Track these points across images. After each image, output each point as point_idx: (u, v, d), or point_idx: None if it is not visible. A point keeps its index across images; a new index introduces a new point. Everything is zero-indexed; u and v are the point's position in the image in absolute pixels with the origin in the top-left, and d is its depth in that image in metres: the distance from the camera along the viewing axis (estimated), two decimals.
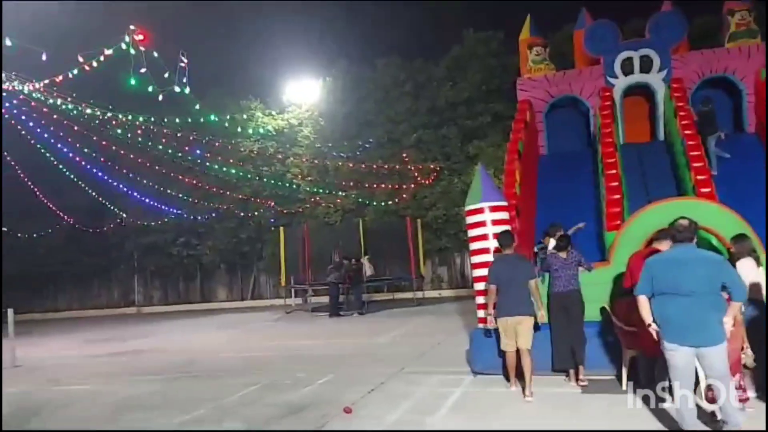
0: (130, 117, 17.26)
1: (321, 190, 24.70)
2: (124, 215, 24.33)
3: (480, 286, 8.24)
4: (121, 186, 21.68)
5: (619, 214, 9.40)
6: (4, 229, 22.48)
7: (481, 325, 8.22)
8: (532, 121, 12.80)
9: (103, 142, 19.03)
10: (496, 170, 18.39)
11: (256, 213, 25.35)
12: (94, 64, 12.62)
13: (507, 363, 7.19)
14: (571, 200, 11.08)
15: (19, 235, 24.21)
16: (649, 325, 5.10)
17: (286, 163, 25.77)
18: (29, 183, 20.54)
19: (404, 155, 24.06)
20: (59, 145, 18.45)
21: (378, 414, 6.61)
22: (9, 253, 26.35)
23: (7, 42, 11.94)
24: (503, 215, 8.49)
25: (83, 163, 19.71)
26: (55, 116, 16.53)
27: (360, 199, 24.17)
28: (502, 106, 22.74)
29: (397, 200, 23.64)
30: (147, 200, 23.14)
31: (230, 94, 25.47)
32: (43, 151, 18.56)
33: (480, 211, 8.44)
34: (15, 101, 15.50)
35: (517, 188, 10.11)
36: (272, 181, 24.57)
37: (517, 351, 6.99)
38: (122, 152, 19.82)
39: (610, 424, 5.75)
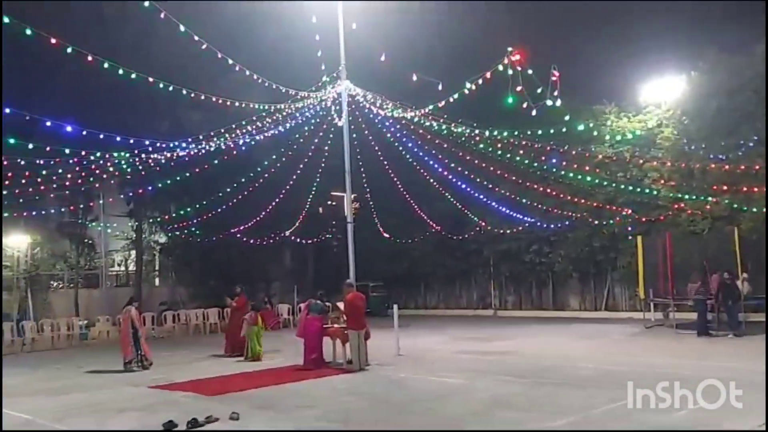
0: (495, 132, 18.45)
1: (685, 196, 22.55)
2: (483, 223, 26.04)
3: None
4: (480, 196, 23.35)
5: None
6: (387, 235, 26.34)
7: None
8: None
9: (467, 157, 20.79)
10: None
11: (610, 221, 24.47)
12: (473, 87, 13.89)
13: None
14: None
15: (398, 240, 28.02)
16: None
17: (643, 167, 24.26)
18: (407, 196, 23.72)
19: None
20: (431, 162, 20.86)
21: None
22: (394, 257, 30.77)
23: (413, 77, 14.15)
24: None
25: (449, 176, 21.89)
26: (428, 136, 18.76)
27: (734, 205, 21.28)
28: None
29: None
30: (503, 209, 24.41)
31: (584, 100, 25.16)
32: (418, 167, 21.24)
33: None
34: (398, 125, 18.15)
35: None
36: (628, 188, 23.39)
37: None
38: (483, 165, 21.34)
39: None
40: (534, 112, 13.16)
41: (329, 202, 30.19)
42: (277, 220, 24.90)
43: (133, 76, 12.01)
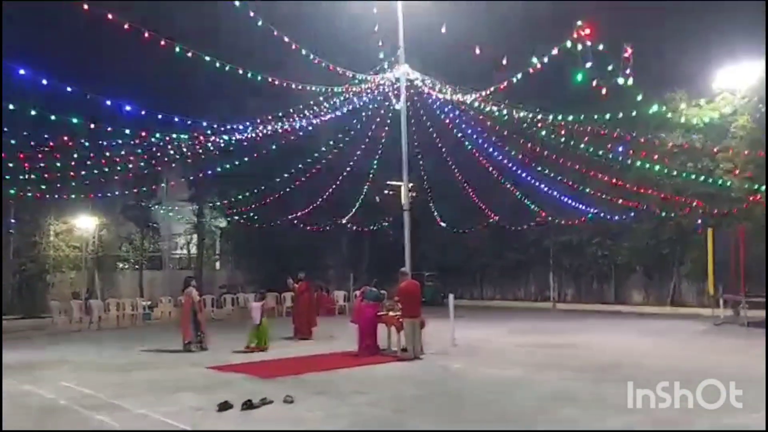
0: (559, 117, 17.79)
1: (761, 188, 21.27)
2: (543, 214, 25.33)
3: None
4: (541, 186, 22.68)
5: None
6: (443, 224, 26.05)
7: None
8: None
9: (529, 144, 20.18)
10: None
11: (678, 213, 23.38)
12: (538, 65, 13.31)
13: None
14: None
15: (455, 230, 27.66)
16: None
17: (716, 157, 23.02)
18: (465, 184, 23.30)
19: None
20: (490, 149, 20.37)
21: None
22: (450, 246, 30.50)
23: (476, 50, 13.65)
24: None
25: (509, 164, 21.34)
26: (488, 122, 18.29)
27: None
28: None
29: None
30: (565, 199, 23.63)
31: (653, 85, 23.95)
32: (476, 154, 20.80)
33: None
34: (457, 111, 17.78)
35: None
36: (699, 178, 22.25)
37: None
38: (545, 153, 20.69)
39: None
40: (604, 91, 12.52)
41: (386, 192, 30.11)
42: (334, 207, 25.01)
43: (189, 54, 12.09)
